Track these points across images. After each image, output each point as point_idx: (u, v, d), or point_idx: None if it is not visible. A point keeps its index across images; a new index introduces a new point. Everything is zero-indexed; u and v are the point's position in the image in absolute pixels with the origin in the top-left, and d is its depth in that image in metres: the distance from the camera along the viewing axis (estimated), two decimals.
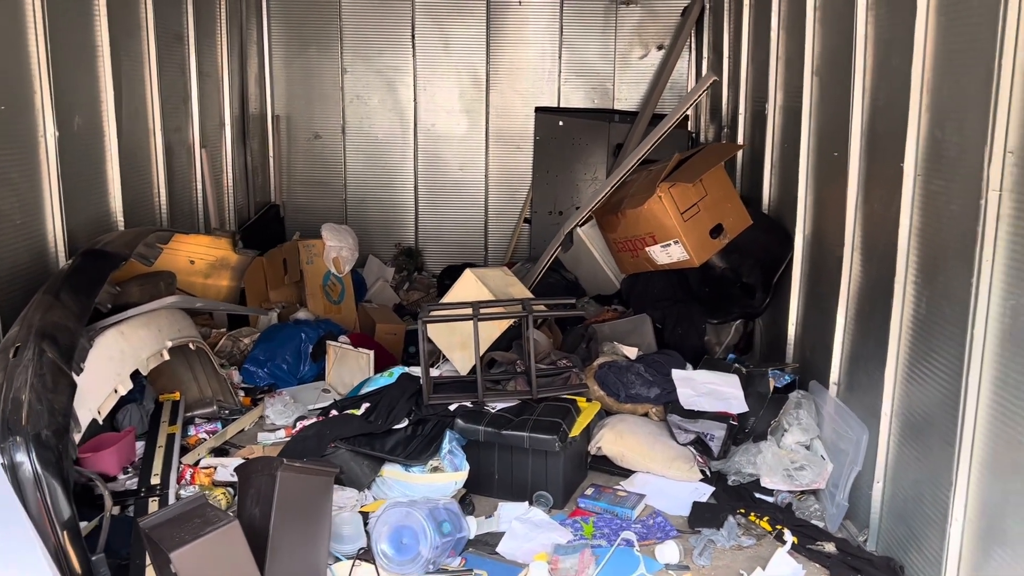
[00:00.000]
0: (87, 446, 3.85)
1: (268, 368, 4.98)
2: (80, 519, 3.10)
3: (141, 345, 3.77)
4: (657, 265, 4.70)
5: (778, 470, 3.79)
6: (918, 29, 2.99)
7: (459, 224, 7.40)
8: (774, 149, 4.87)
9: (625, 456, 3.99)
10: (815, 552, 3.37)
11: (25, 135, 3.69)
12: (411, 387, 3.91)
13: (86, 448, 3.82)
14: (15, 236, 3.61)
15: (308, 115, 7.19)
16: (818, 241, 4.20)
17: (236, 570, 2.56)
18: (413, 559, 3.02)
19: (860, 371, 3.63)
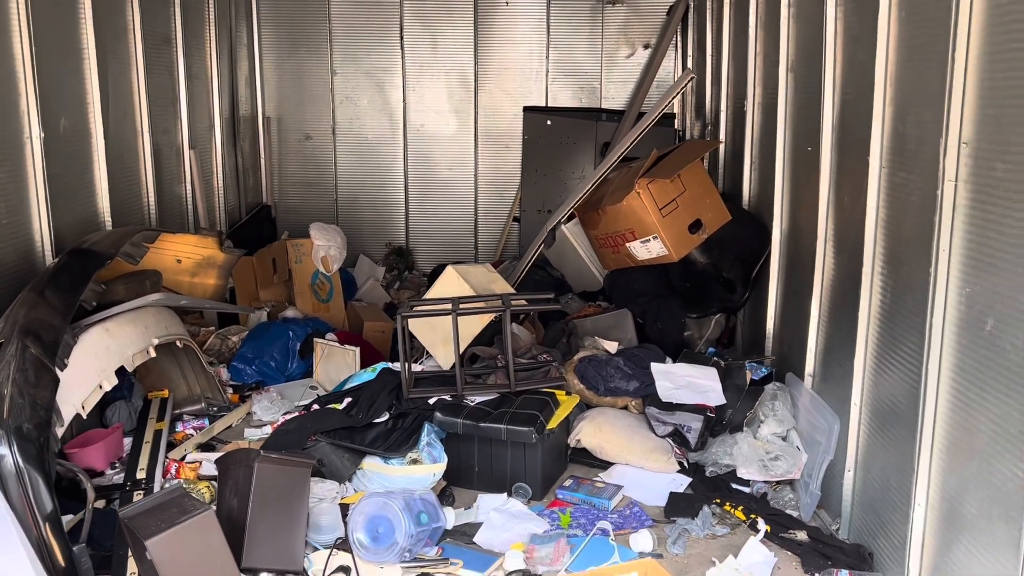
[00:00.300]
0: (75, 442, 3.92)
1: (256, 366, 5.04)
2: (67, 512, 3.17)
3: (127, 342, 3.83)
4: (638, 261, 4.76)
5: (754, 461, 3.85)
6: (881, 24, 3.06)
7: (449, 223, 7.46)
8: (753, 145, 4.93)
9: (604, 448, 4.05)
10: (787, 540, 3.42)
11: (10, 136, 3.75)
12: (392, 381, 3.97)
13: (74, 444, 3.89)
14: (1, 236, 3.67)
15: (299, 116, 7.25)
16: (794, 236, 4.26)
17: (211, 558, 2.63)
18: (388, 548, 3.08)
19: (833, 363, 3.69)
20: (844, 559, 3.22)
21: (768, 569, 3.25)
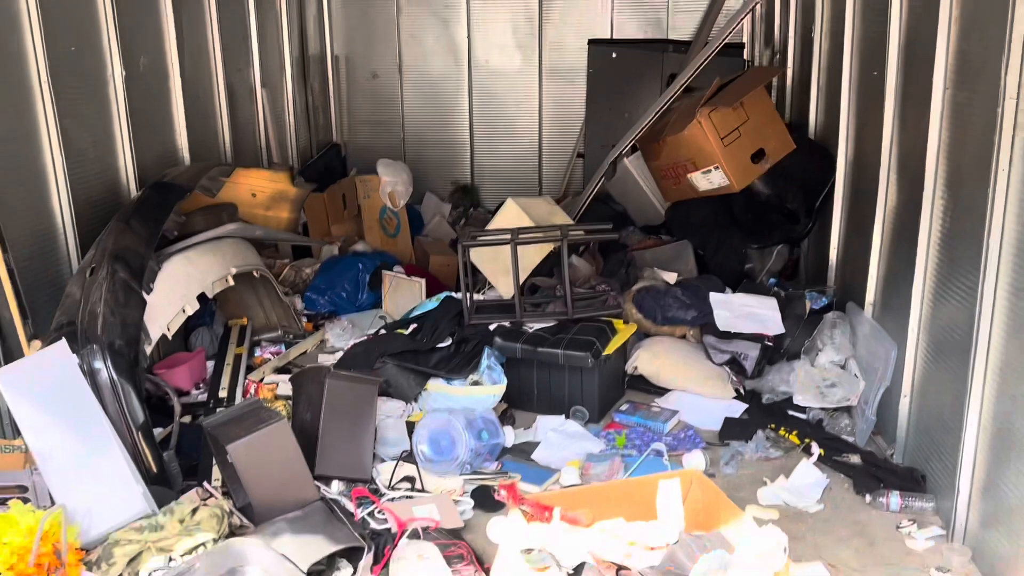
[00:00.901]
0: (162, 363, 4.21)
1: (328, 296, 5.26)
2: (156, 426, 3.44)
3: (207, 270, 4.07)
4: (699, 192, 4.75)
5: (810, 388, 3.88)
6: None
7: (514, 160, 7.50)
8: (821, 73, 4.82)
9: (660, 375, 4.13)
10: (840, 463, 3.47)
11: (94, 74, 3.97)
12: (454, 309, 4.12)
13: (161, 365, 4.18)
14: (90, 169, 3.92)
15: (366, 55, 7.34)
16: (859, 163, 4.19)
17: (286, 463, 2.84)
18: (450, 460, 3.26)
19: (892, 291, 3.67)
20: (896, 481, 3.26)
21: (819, 490, 3.32)
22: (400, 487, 3.21)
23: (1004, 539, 2.67)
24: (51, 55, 3.56)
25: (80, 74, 3.87)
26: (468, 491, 3.24)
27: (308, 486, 2.87)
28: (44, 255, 3.61)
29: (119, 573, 2.44)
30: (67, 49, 3.73)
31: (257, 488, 2.76)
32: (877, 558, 2.90)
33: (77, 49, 3.83)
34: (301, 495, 2.83)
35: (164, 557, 2.45)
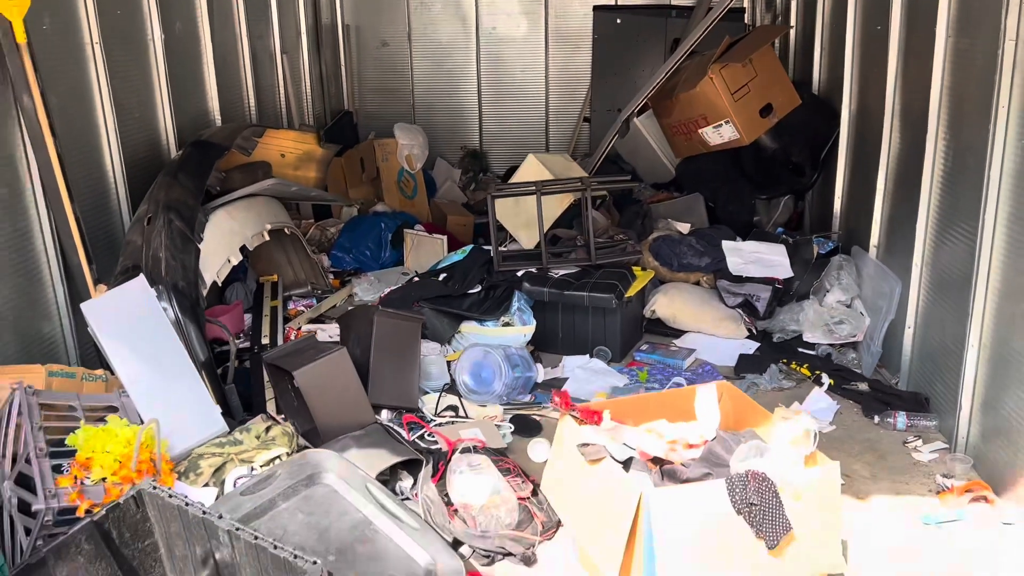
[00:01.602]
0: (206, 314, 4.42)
1: (353, 254, 5.49)
2: None
3: (246, 224, 4.29)
4: (710, 146, 4.99)
5: (819, 325, 4.15)
6: None
7: (521, 125, 7.70)
8: (824, 31, 5.05)
9: (677, 318, 4.39)
10: (849, 391, 3.75)
11: (138, 38, 4.16)
12: (483, 257, 4.36)
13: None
14: (135, 128, 4.12)
15: (375, 23, 7.50)
16: (863, 115, 4.43)
17: (345, 388, 3.08)
18: (489, 390, 3.51)
19: (896, 232, 3.92)
20: (902, 404, 3.53)
21: (831, 414, 3.59)
22: (445, 415, 3.46)
23: (1002, 449, 2.94)
24: (102, 19, 3.74)
25: (126, 37, 4.06)
26: (507, 419, 3.50)
27: (366, 409, 3.11)
28: (98, 207, 3.82)
29: (205, 482, 2.69)
30: (114, 13, 3.91)
31: (321, 411, 3.00)
32: (886, 468, 3.18)
33: (123, 13, 4.01)
34: (360, 417, 3.08)
35: (246, 467, 2.69)
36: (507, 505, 2.76)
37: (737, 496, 2.15)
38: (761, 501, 2.14)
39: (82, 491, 2.44)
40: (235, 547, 2.19)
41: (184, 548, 2.33)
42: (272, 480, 2.58)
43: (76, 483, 2.44)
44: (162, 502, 2.30)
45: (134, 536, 2.32)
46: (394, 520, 2.53)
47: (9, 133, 3.22)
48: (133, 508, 2.32)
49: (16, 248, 3.25)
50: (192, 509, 2.23)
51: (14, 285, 3.24)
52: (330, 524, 2.51)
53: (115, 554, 2.28)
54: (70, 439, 2.52)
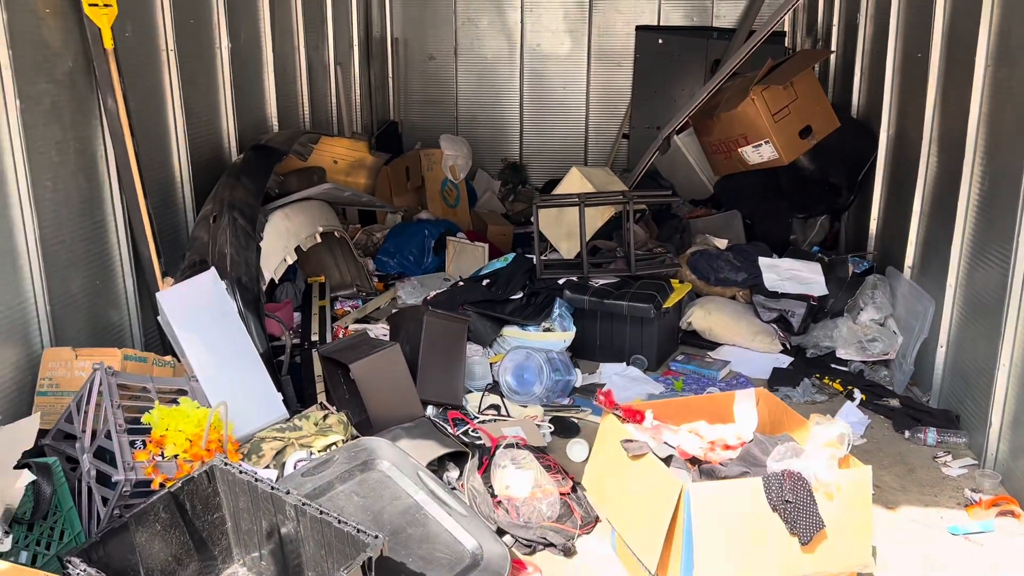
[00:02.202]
0: None
1: (397, 259, 5.68)
2: None
3: (300, 227, 4.48)
4: (748, 165, 5.11)
5: (852, 342, 4.25)
6: None
7: (561, 140, 7.88)
8: (864, 56, 5.17)
9: (713, 330, 4.51)
10: (880, 406, 3.84)
11: (207, 46, 4.40)
12: (525, 264, 4.52)
13: None
14: (202, 131, 4.35)
15: (423, 38, 7.74)
16: (900, 139, 4.54)
17: (397, 383, 3.25)
18: (531, 391, 3.66)
19: (931, 253, 4.02)
20: (932, 420, 3.62)
21: (862, 428, 3.69)
22: (488, 413, 3.62)
23: None
24: (177, 27, 3.97)
25: (196, 45, 4.29)
26: (547, 419, 3.64)
27: (416, 403, 3.27)
28: (166, 204, 4.04)
29: (267, 464, 2.86)
30: (188, 22, 4.14)
31: (374, 402, 3.17)
32: (916, 481, 3.27)
33: (195, 22, 4.24)
34: (409, 410, 3.24)
35: (305, 451, 2.86)
36: (548, 499, 2.90)
37: (773, 494, 2.27)
38: (796, 499, 2.26)
39: (156, 466, 2.63)
40: (300, 522, 2.35)
41: (250, 522, 2.50)
42: (330, 464, 2.75)
43: (151, 458, 2.63)
44: (232, 477, 2.47)
45: (205, 509, 2.50)
46: (443, 506, 2.68)
47: (93, 132, 3.44)
48: (205, 482, 2.49)
49: (93, 240, 3.46)
50: (261, 485, 2.40)
51: (89, 275, 3.45)
52: (383, 507, 2.67)
53: (187, 524, 2.46)
54: (146, 417, 2.71)
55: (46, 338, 3.12)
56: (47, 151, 3.15)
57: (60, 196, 3.24)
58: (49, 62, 3.18)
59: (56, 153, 3.21)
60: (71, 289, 3.32)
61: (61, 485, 2.58)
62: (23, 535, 2.44)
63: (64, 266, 3.27)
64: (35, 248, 3.04)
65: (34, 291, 3.07)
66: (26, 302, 3.06)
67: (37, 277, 3.07)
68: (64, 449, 2.78)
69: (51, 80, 3.18)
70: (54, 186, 3.20)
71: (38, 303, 3.09)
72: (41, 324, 3.11)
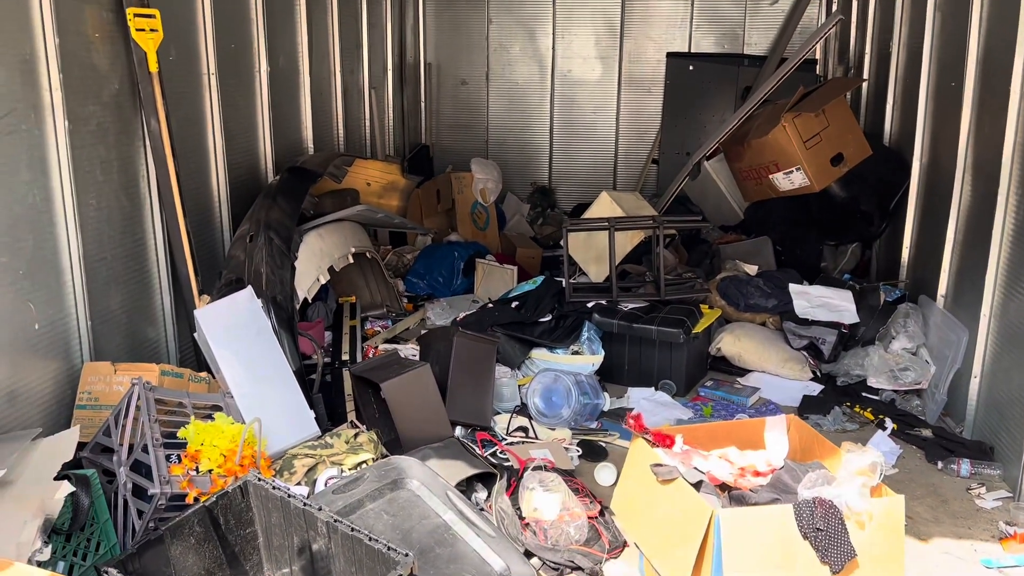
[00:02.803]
0: None
1: (427, 280, 5.73)
2: None
3: (334, 247, 4.56)
4: (779, 192, 5.11)
5: (884, 371, 4.21)
6: None
7: (590, 164, 7.93)
8: (897, 85, 5.16)
9: (742, 356, 4.49)
10: (912, 436, 3.80)
11: (247, 70, 4.50)
12: (555, 287, 4.54)
13: None
14: (239, 152, 4.44)
15: (456, 63, 7.84)
16: (933, 168, 4.52)
17: (427, 402, 3.28)
18: (559, 414, 3.67)
19: (965, 282, 3.99)
20: (966, 451, 3.58)
21: (894, 458, 3.65)
22: (516, 435, 3.63)
23: None
24: (218, 52, 4.08)
25: (236, 69, 4.39)
26: (575, 443, 3.64)
27: (445, 423, 3.30)
28: (203, 224, 4.12)
29: (299, 480, 2.89)
30: (228, 47, 4.25)
31: (404, 421, 3.19)
32: (948, 513, 3.23)
33: (236, 47, 4.35)
34: (438, 431, 3.26)
35: (336, 469, 2.89)
36: (576, 522, 2.91)
37: (804, 521, 2.26)
38: (827, 527, 2.25)
39: (191, 480, 2.67)
40: (332, 538, 2.38)
41: (282, 538, 2.53)
42: (360, 482, 2.77)
43: (186, 472, 2.67)
44: (266, 493, 2.51)
45: (238, 523, 2.53)
46: (471, 527, 2.69)
47: (136, 152, 3.53)
48: (239, 497, 2.53)
49: (134, 257, 3.55)
50: (294, 501, 2.43)
51: (129, 292, 3.53)
52: (412, 526, 2.69)
53: (221, 539, 2.49)
54: (182, 432, 2.75)
55: (86, 352, 3.19)
56: (92, 170, 3.25)
57: (103, 214, 3.32)
58: (97, 84, 3.28)
59: (101, 172, 3.30)
60: (111, 305, 3.39)
61: (98, 497, 2.63)
62: (61, 545, 2.49)
63: (105, 282, 3.34)
64: (78, 264, 3.12)
65: (76, 306, 3.15)
66: (68, 317, 3.13)
67: (79, 293, 3.14)
68: (101, 462, 2.84)
69: (98, 102, 3.28)
70: (98, 204, 3.29)
71: (79, 318, 3.16)
72: (82, 339, 3.18)
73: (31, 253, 2.92)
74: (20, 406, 2.87)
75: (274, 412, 3.00)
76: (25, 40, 2.88)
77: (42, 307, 2.98)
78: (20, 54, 2.86)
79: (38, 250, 2.96)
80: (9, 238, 2.82)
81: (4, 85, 2.78)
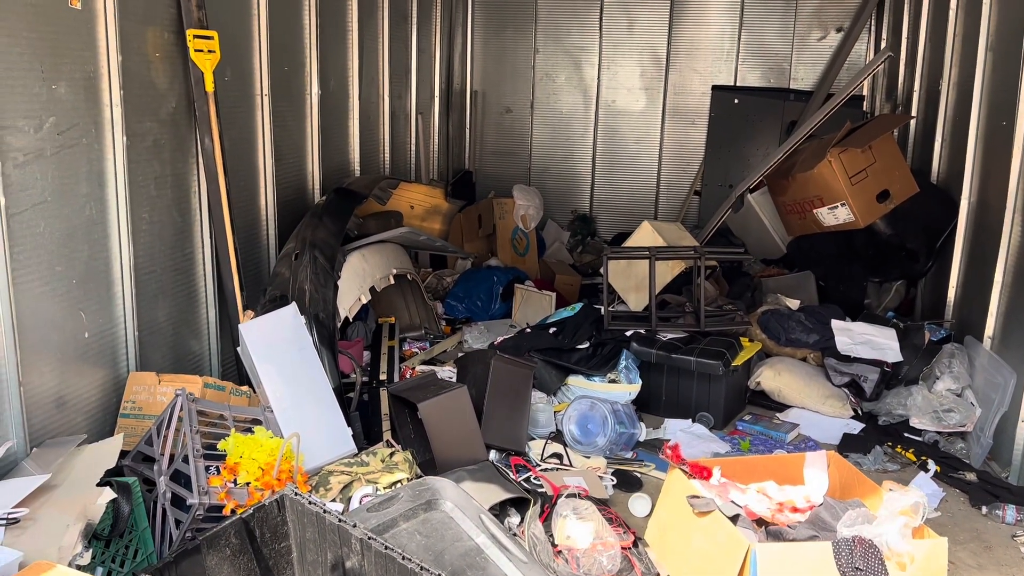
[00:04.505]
0: None
1: (466, 304, 5.77)
2: None
3: (376, 268, 4.61)
4: (823, 226, 5.07)
5: (927, 412, 4.13)
6: None
7: (631, 194, 7.94)
8: (946, 123, 5.10)
9: (782, 391, 4.43)
10: (956, 479, 3.71)
11: (298, 92, 4.61)
12: (593, 314, 4.54)
13: None
14: (288, 172, 4.54)
15: (501, 91, 7.94)
16: (982, 207, 4.45)
17: (463, 424, 3.29)
18: (594, 442, 3.65)
19: (1013, 324, 3.90)
20: (1012, 497, 3.48)
21: (936, 500, 3.56)
22: (550, 461, 3.62)
23: None
24: (272, 74, 4.19)
25: (288, 91, 4.50)
26: (609, 472, 3.62)
27: (480, 446, 3.30)
28: (250, 241, 4.21)
29: (334, 497, 2.92)
30: (282, 69, 4.36)
31: (440, 442, 3.21)
32: (993, 560, 3.14)
33: (288, 69, 4.46)
34: (473, 453, 3.27)
35: (371, 487, 2.91)
36: (609, 552, 2.88)
37: (843, 560, 2.22)
38: (867, 567, 2.20)
39: (229, 492, 2.70)
40: (365, 556, 2.38)
41: (316, 553, 2.54)
42: (395, 501, 2.78)
43: (224, 484, 2.71)
44: (302, 508, 2.53)
45: (273, 537, 2.55)
46: (504, 551, 2.68)
47: (189, 169, 3.63)
48: (275, 511, 2.56)
49: (182, 271, 3.63)
50: (329, 517, 2.45)
51: (176, 304, 3.61)
52: (445, 548, 2.68)
53: (256, 552, 2.52)
54: (222, 444, 2.80)
55: (132, 362, 3.27)
56: (147, 185, 3.34)
57: (155, 228, 3.41)
58: (155, 102, 3.39)
59: (154, 187, 3.40)
60: (158, 317, 3.47)
61: (138, 505, 2.68)
62: (100, 551, 2.53)
63: (153, 295, 3.43)
64: (129, 276, 3.21)
65: (124, 317, 3.23)
66: (116, 327, 3.21)
67: (128, 304, 3.23)
68: (143, 471, 2.89)
69: (155, 119, 3.39)
70: (150, 218, 3.38)
71: (127, 329, 3.24)
72: (128, 349, 3.26)
73: (85, 263, 3.01)
74: (67, 412, 2.95)
75: (312, 428, 3.04)
76: (90, 58, 2.99)
77: (92, 316, 3.06)
78: (84, 71, 2.97)
79: (92, 260, 3.05)
80: (66, 248, 2.91)
81: (68, 100, 2.88)
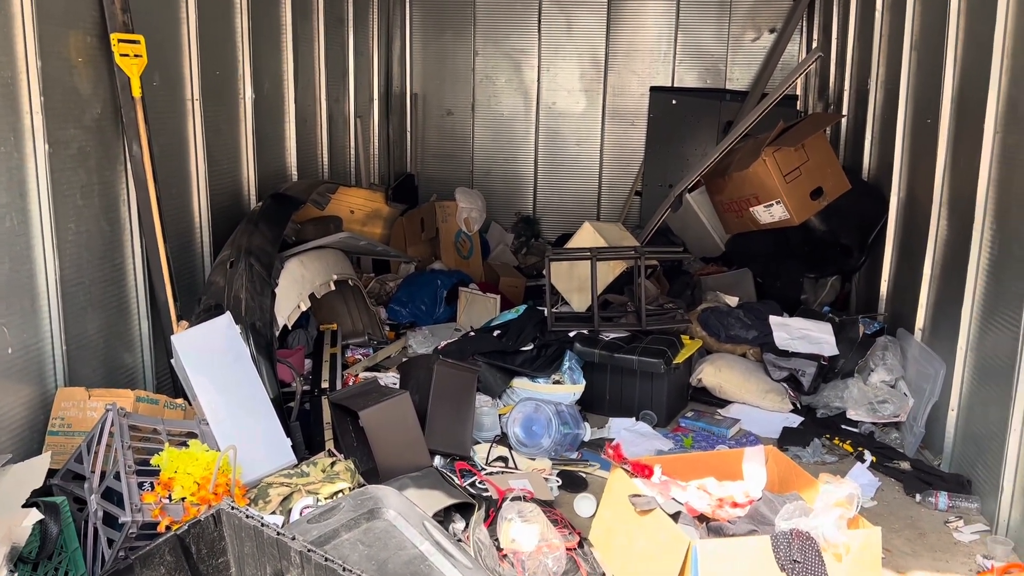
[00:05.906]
0: None
1: (409, 308, 5.72)
2: None
3: (315, 274, 4.54)
4: (760, 224, 5.16)
5: (863, 404, 4.23)
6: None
7: (574, 195, 7.99)
8: (875, 121, 5.25)
9: (723, 388, 4.50)
10: (891, 468, 3.81)
11: (231, 96, 4.52)
12: (537, 316, 4.54)
13: None
14: (223, 178, 4.44)
15: (441, 94, 7.91)
16: (911, 203, 4.58)
17: (406, 431, 3.25)
18: (539, 444, 3.65)
19: (941, 316, 4.03)
20: (943, 484, 3.58)
21: (872, 490, 3.65)
22: (495, 465, 3.61)
23: None
24: (203, 78, 4.09)
25: (221, 95, 4.40)
26: (555, 473, 3.62)
27: (423, 452, 3.27)
28: (184, 249, 4.10)
29: (273, 509, 2.85)
30: (213, 73, 4.26)
31: (382, 450, 3.17)
32: (927, 546, 3.23)
33: (221, 73, 4.37)
34: (417, 460, 3.24)
35: (312, 498, 2.85)
36: (555, 553, 2.88)
37: (781, 553, 2.25)
38: (804, 559, 2.24)
39: (163, 508, 2.63)
40: (305, 568, 2.34)
41: (255, 568, 2.48)
42: (336, 511, 2.73)
43: (159, 500, 2.63)
44: (239, 522, 2.47)
45: (210, 553, 2.49)
46: (448, 558, 2.65)
47: (117, 177, 3.52)
48: (212, 526, 2.49)
49: (113, 282, 3.52)
50: (267, 530, 2.39)
51: (106, 317, 3.50)
52: (388, 557, 2.65)
53: (192, 569, 2.45)
54: (155, 459, 2.72)
55: (60, 378, 3.15)
56: (72, 194, 3.23)
57: (82, 239, 3.30)
58: (79, 108, 3.28)
59: (80, 196, 3.29)
60: (87, 330, 3.36)
61: (68, 525, 2.58)
62: (28, 574, 2.43)
63: (82, 307, 3.31)
64: (55, 289, 3.10)
65: (51, 331, 3.12)
66: (43, 342, 3.10)
67: (55, 318, 3.11)
68: (72, 489, 2.79)
69: (79, 126, 3.28)
70: (77, 228, 3.27)
71: (54, 343, 3.13)
72: (56, 364, 3.14)
73: (6, 277, 2.90)
74: None
75: (250, 440, 2.97)
76: (6, 63, 2.88)
77: (16, 331, 2.94)
78: (1, 77, 2.85)
79: (14, 273, 2.94)
80: None
81: None
